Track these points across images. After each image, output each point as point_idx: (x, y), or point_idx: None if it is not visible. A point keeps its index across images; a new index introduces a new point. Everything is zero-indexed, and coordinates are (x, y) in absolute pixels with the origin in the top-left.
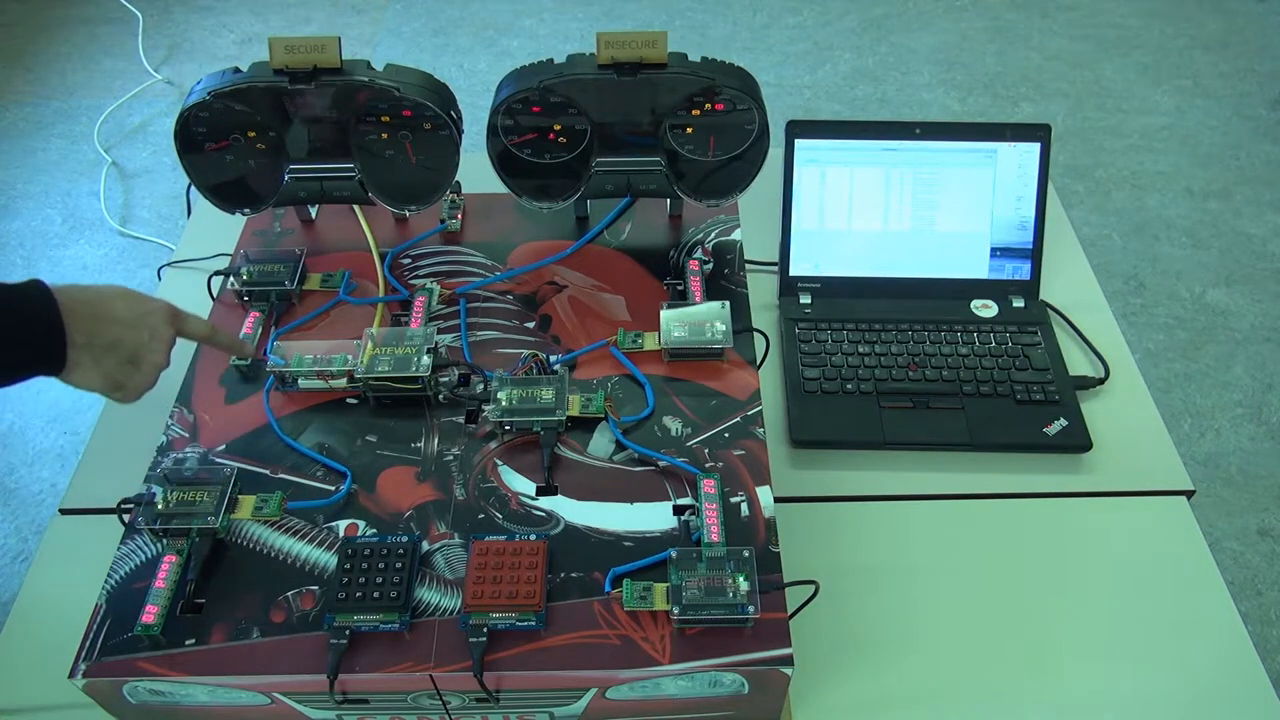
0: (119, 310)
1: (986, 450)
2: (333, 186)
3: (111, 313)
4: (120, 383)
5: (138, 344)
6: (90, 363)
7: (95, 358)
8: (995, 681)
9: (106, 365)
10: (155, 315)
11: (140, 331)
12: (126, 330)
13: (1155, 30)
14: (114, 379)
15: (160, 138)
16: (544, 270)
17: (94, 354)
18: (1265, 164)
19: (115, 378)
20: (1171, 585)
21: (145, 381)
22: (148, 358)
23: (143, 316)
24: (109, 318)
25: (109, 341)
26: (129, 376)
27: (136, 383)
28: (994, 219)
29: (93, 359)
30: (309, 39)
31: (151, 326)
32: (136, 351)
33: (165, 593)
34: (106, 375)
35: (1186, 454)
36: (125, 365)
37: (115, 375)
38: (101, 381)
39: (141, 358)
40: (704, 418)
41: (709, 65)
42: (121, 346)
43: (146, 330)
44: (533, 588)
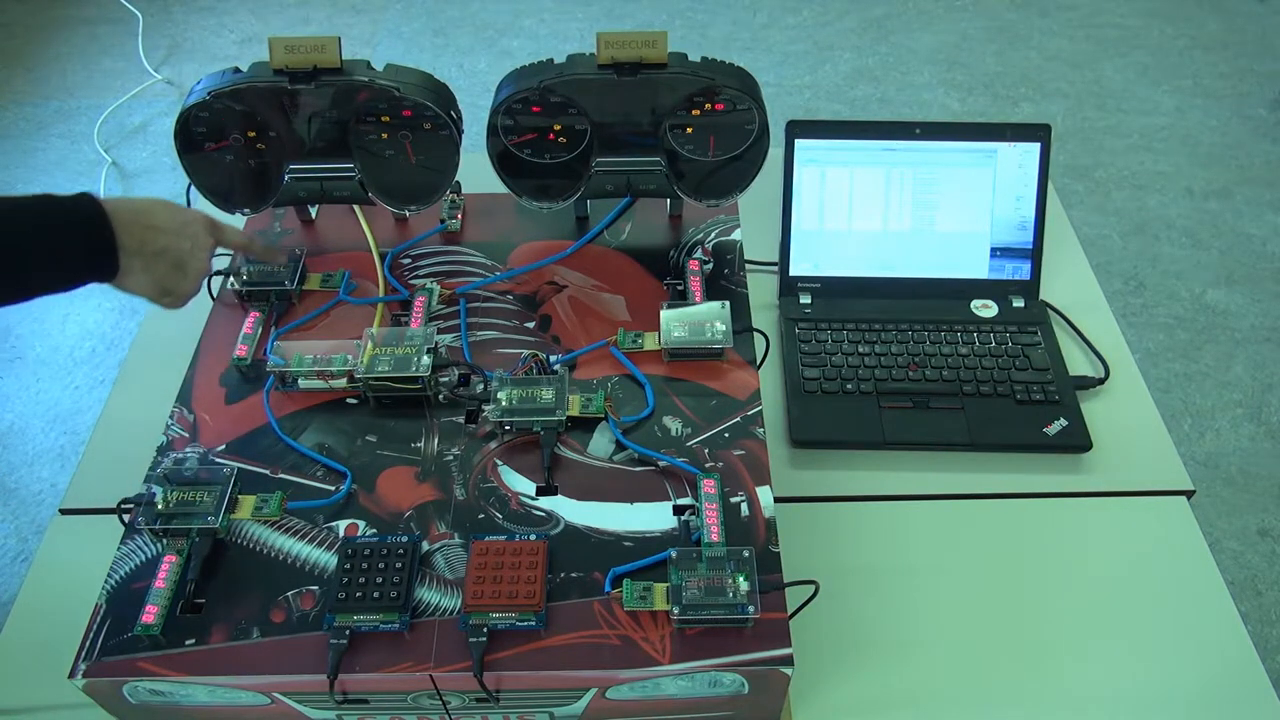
0: (163, 219)
1: (986, 450)
2: (333, 186)
3: (157, 221)
4: (168, 288)
5: (182, 251)
6: (140, 268)
7: (145, 264)
8: (995, 681)
9: (156, 271)
10: (196, 224)
11: (184, 239)
12: (172, 238)
13: (1155, 30)
14: (162, 285)
15: (160, 138)
16: (544, 270)
17: (144, 260)
18: (1265, 164)
19: (164, 284)
20: (1171, 585)
21: (191, 287)
22: (192, 264)
23: (185, 225)
24: (155, 226)
25: (157, 249)
26: (177, 282)
27: (184, 288)
28: (994, 219)
29: (143, 265)
30: (309, 39)
31: (193, 235)
32: (182, 258)
33: (165, 593)
34: (156, 281)
35: (1186, 454)
36: (173, 271)
37: (164, 281)
38: (152, 287)
39: (187, 264)
40: (704, 418)
41: (709, 65)
42: (169, 253)
43: (189, 238)
44: (533, 588)
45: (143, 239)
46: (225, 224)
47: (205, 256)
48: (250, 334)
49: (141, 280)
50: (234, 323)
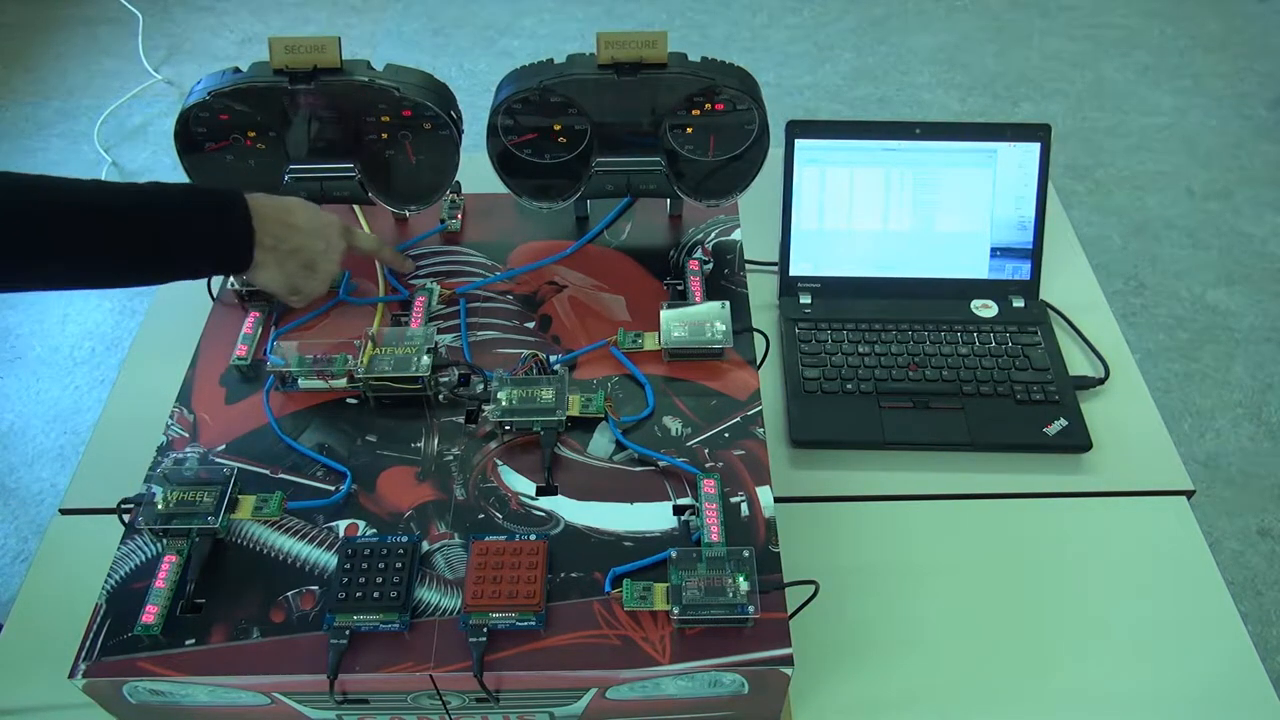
0: (301, 218)
1: (986, 450)
2: (333, 186)
3: (295, 220)
4: (297, 287)
5: (315, 251)
6: (274, 264)
7: (279, 260)
8: (995, 681)
9: (288, 268)
10: (331, 227)
11: (318, 240)
12: (307, 238)
13: (1155, 30)
14: (292, 283)
15: (160, 138)
16: (544, 270)
17: (278, 256)
18: (1265, 164)
19: (294, 281)
20: (1171, 585)
21: (319, 288)
22: (323, 265)
23: (321, 227)
24: (293, 225)
25: (292, 247)
26: (306, 281)
27: (311, 288)
28: (994, 219)
29: (276, 261)
30: (309, 39)
31: (328, 237)
32: (314, 259)
33: (165, 593)
34: (287, 278)
35: (1186, 454)
36: (304, 270)
37: (294, 279)
38: (282, 283)
39: (318, 265)
40: (704, 418)
41: (709, 65)
42: (302, 253)
43: (323, 240)
44: (533, 588)
45: (279, 236)
46: (358, 229)
47: (337, 259)
48: (250, 334)
49: (273, 275)
50: (234, 323)
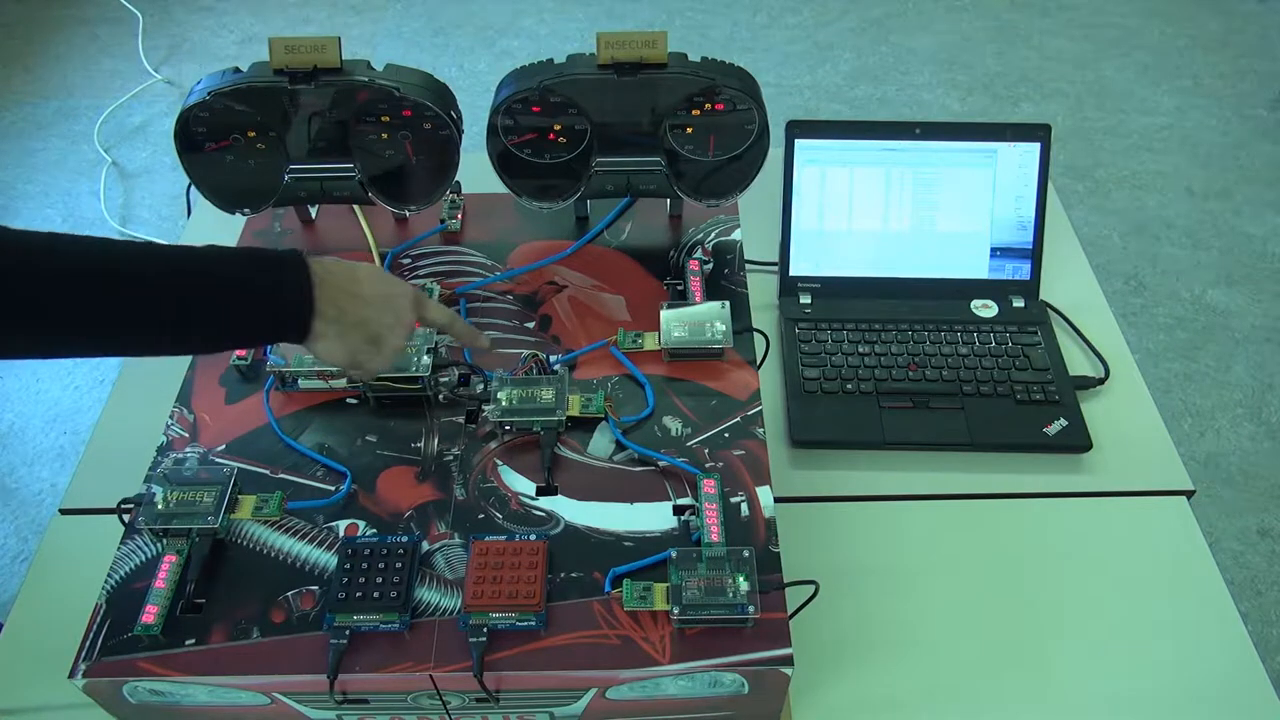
0: (369, 289)
1: (986, 450)
2: (333, 186)
3: (363, 291)
4: (360, 362)
5: (382, 325)
6: (335, 336)
7: (340, 332)
8: (995, 681)
9: (351, 341)
10: (403, 299)
11: (386, 314)
12: (373, 310)
13: (1155, 30)
14: (355, 357)
15: (160, 138)
16: (544, 270)
17: (340, 329)
18: (1265, 164)
19: (356, 356)
20: (1171, 585)
21: (382, 364)
22: (389, 340)
23: (390, 299)
24: (360, 296)
25: (356, 320)
26: (369, 357)
27: (374, 365)
28: (994, 219)
29: (338, 333)
30: (309, 39)
31: (397, 310)
32: (380, 333)
33: (165, 593)
34: (349, 351)
35: (1186, 454)
36: (367, 345)
37: (357, 354)
38: (344, 356)
39: (383, 340)
40: (704, 418)
41: (709, 65)
42: (367, 325)
43: (392, 313)
44: (533, 588)
45: (343, 308)
46: (430, 301)
47: (404, 334)
48: None
49: (334, 348)
50: None
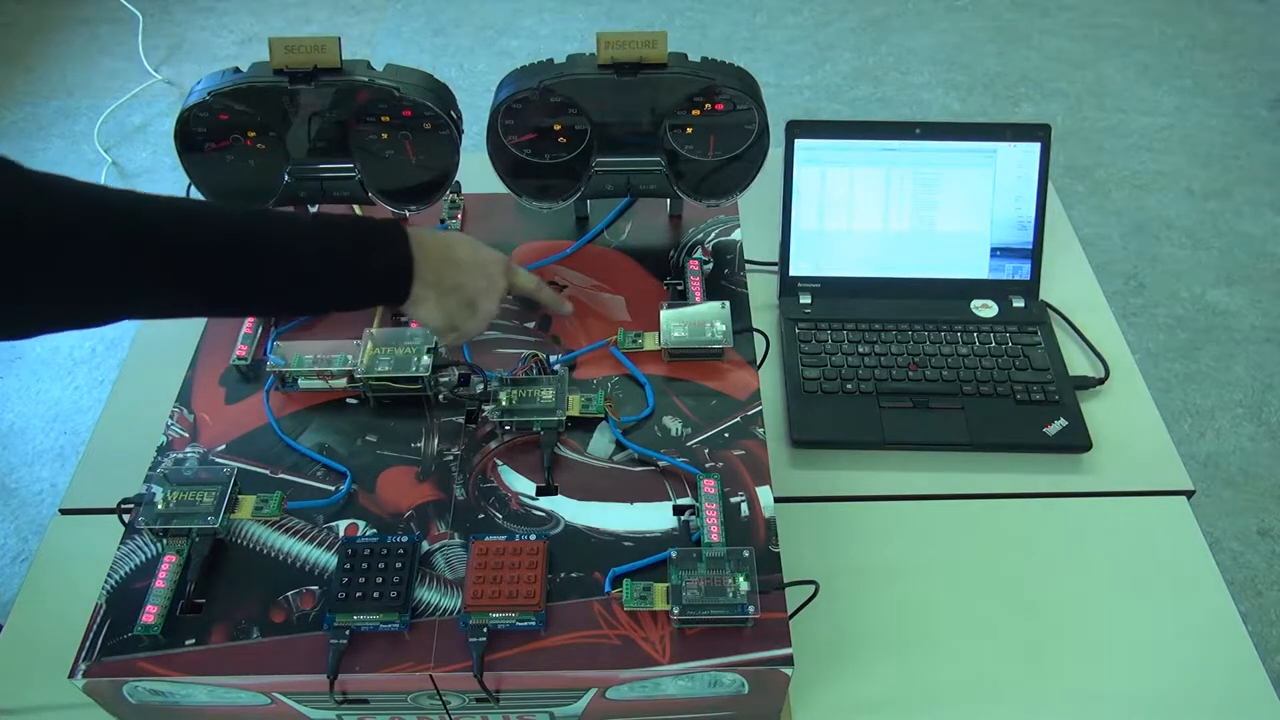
0: (464, 254)
1: (986, 450)
2: (333, 186)
3: (458, 255)
4: (455, 324)
5: (476, 290)
6: (434, 300)
7: (439, 296)
8: (995, 681)
9: (447, 305)
10: (494, 265)
11: (479, 278)
12: (468, 275)
13: (1155, 30)
14: (451, 320)
15: (160, 138)
16: (544, 270)
17: (438, 292)
18: (1265, 164)
19: (453, 319)
20: (1171, 585)
21: (478, 327)
22: (483, 304)
23: (483, 264)
24: (455, 260)
25: (453, 284)
26: (464, 320)
27: (470, 327)
28: (994, 219)
29: (436, 297)
30: (309, 39)
31: (489, 275)
32: (474, 297)
33: (165, 593)
34: (446, 314)
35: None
36: (463, 308)
37: (453, 316)
38: (441, 319)
39: (478, 304)
40: (704, 418)
41: (709, 65)
42: (462, 290)
43: (485, 278)
44: (533, 588)
45: (440, 272)
46: (519, 268)
47: (497, 299)
48: (250, 334)
49: (432, 311)
50: (234, 323)
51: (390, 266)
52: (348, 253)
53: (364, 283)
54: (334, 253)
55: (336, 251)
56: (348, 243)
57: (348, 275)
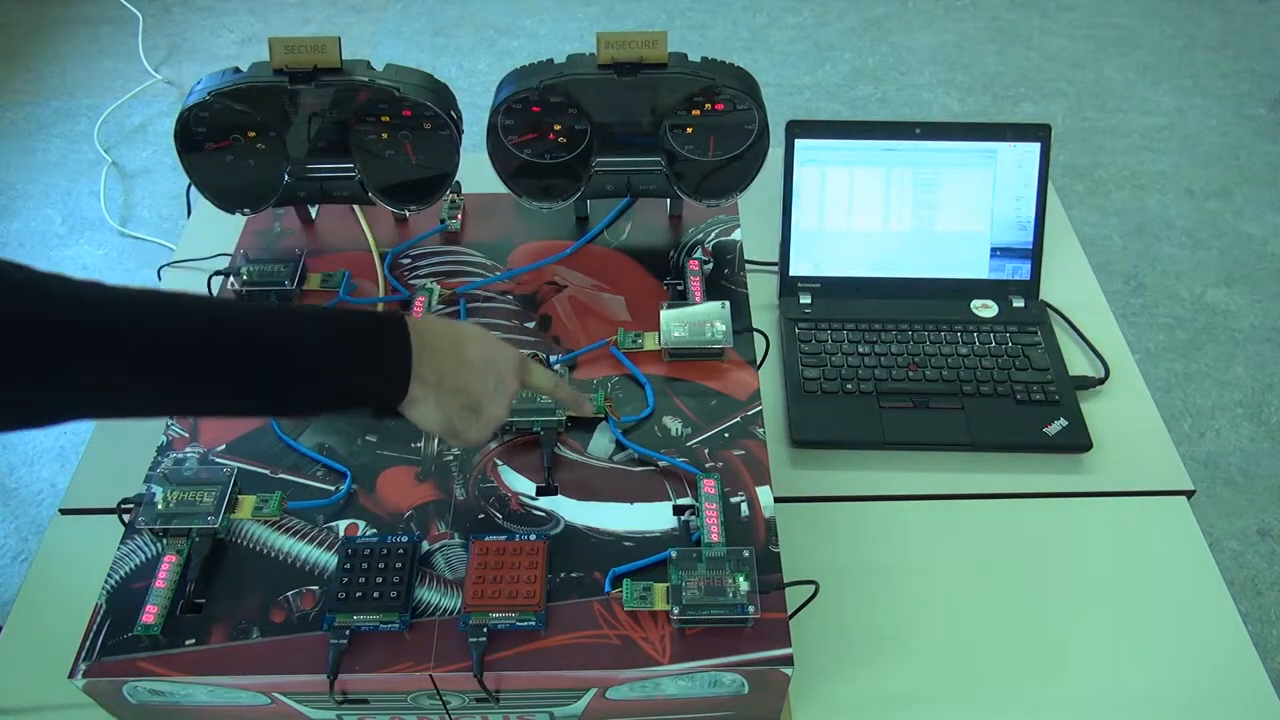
0: (472, 353)
1: (986, 450)
2: (333, 186)
3: (465, 355)
4: (457, 430)
5: (483, 393)
6: (433, 401)
7: (439, 398)
8: (995, 681)
9: (448, 408)
10: (505, 363)
11: (488, 379)
12: (475, 377)
13: (1155, 30)
14: (452, 424)
15: (160, 138)
16: (544, 270)
17: (439, 394)
18: (1265, 164)
19: (453, 423)
20: (1171, 585)
21: (481, 435)
22: (489, 409)
23: (492, 363)
24: (462, 361)
25: (456, 386)
26: (467, 425)
27: (472, 435)
28: (994, 219)
29: (436, 399)
30: (309, 39)
31: (499, 375)
32: (480, 401)
33: (165, 593)
34: (446, 419)
35: (1186, 454)
36: (466, 412)
37: (454, 421)
38: (440, 424)
39: (483, 408)
40: (704, 418)
41: (709, 65)
42: (467, 393)
43: (494, 378)
44: (533, 588)
45: (443, 372)
46: (536, 366)
47: (506, 403)
48: None
49: (429, 415)
50: None
51: (383, 364)
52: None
53: (347, 383)
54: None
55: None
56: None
57: (333, 377)
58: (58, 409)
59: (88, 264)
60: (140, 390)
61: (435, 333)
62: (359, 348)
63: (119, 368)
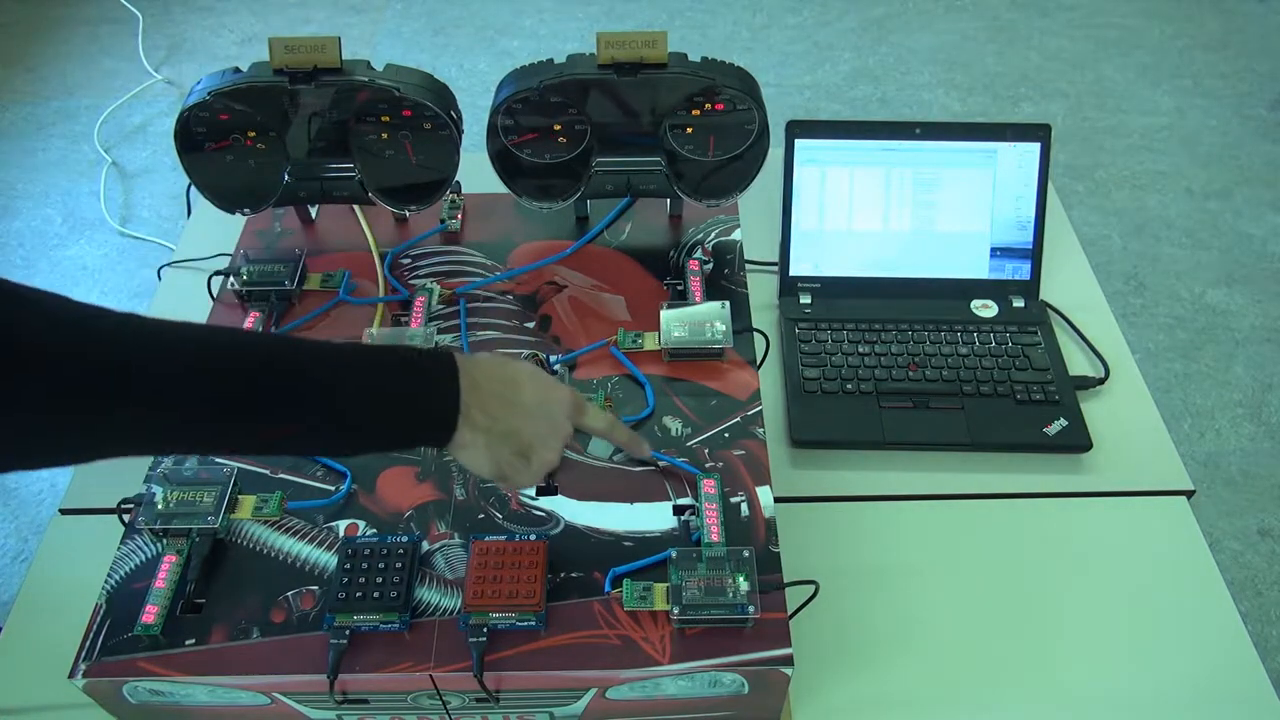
0: (526, 397)
1: (986, 450)
2: (333, 186)
3: (518, 398)
4: (506, 475)
5: (534, 436)
6: (482, 445)
7: (489, 442)
8: (995, 681)
9: (498, 452)
10: (558, 406)
11: (540, 423)
12: (527, 420)
13: (1155, 30)
14: (501, 469)
15: (160, 138)
16: (544, 270)
17: (489, 438)
18: (1265, 164)
19: (503, 468)
20: (1171, 585)
21: (532, 480)
22: (540, 453)
23: (545, 405)
24: (514, 403)
25: (507, 429)
26: (516, 471)
27: (521, 480)
28: (994, 219)
29: (485, 443)
30: (309, 39)
31: (551, 417)
32: (531, 445)
33: (165, 593)
34: (495, 463)
35: (1186, 454)
36: (516, 457)
37: (504, 466)
38: (490, 468)
39: (534, 452)
40: (704, 418)
41: (709, 65)
42: (518, 436)
43: (546, 422)
44: (533, 587)
45: (494, 415)
46: (592, 406)
47: (558, 446)
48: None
49: (478, 459)
50: (234, 323)
51: (432, 404)
52: (377, 388)
53: (394, 421)
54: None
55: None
56: (378, 376)
57: (376, 415)
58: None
59: (87, 264)
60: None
61: (487, 374)
62: (404, 391)
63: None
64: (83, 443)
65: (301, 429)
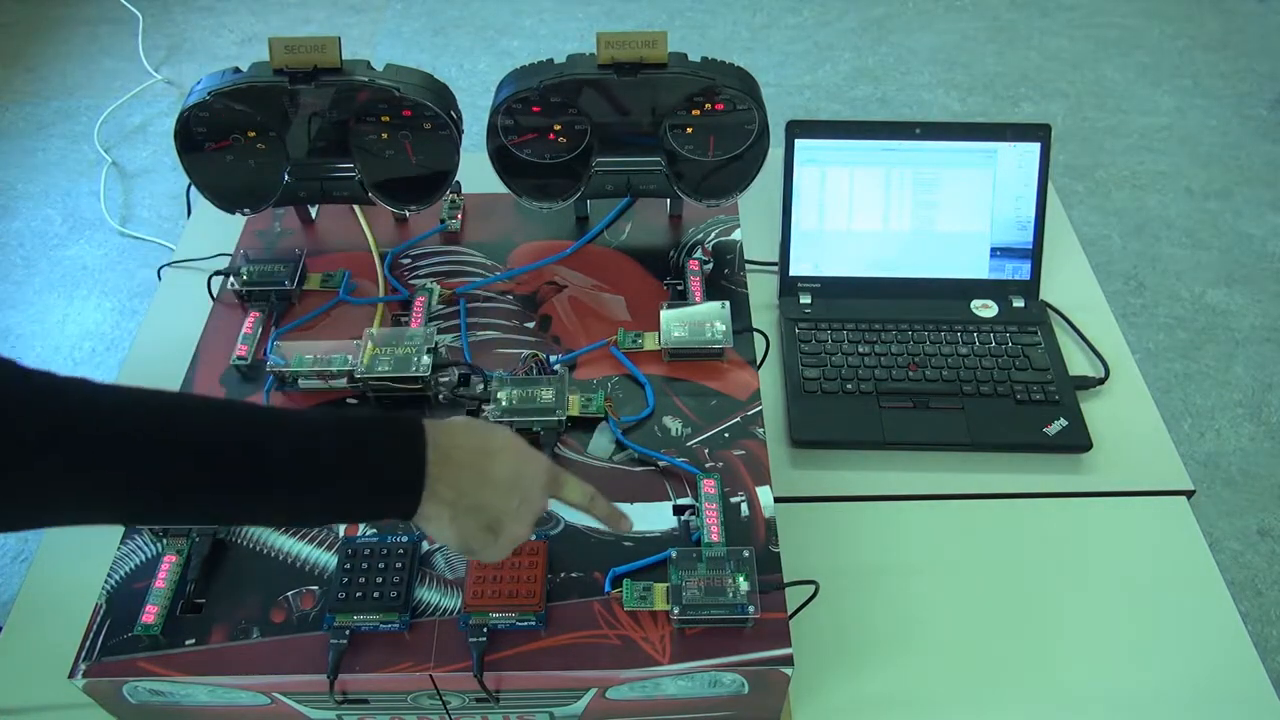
0: (499, 470)
1: (986, 450)
2: (333, 186)
3: (490, 471)
4: (472, 549)
5: (504, 511)
6: (448, 519)
7: (454, 515)
8: (995, 681)
9: (464, 526)
10: (533, 479)
11: (511, 497)
12: (497, 495)
13: (1155, 30)
14: (468, 543)
15: (160, 138)
16: (544, 270)
17: (454, 511)
18: (1265, 164)
19: (469, 543)
20: (1171, 585)
21: (497, 555)
22: (510, 528)
23: (519, 479)
24: (486, 476)
25: (475, 503)
26: (483, 545)
27: (488, 554)
28: (994, 219)
29: (451, 516)
30: (309, 39)
31: (525, 490)
32: (500, 519)
33: (165, 593)
34: (461, 537)
35: (1186, 454)
36: (483, 531)
37: (469, 539)
38: (455, 541)
39: (503, 527)
40: (704, 418)
41: (709, 65)
42: (487, 511)
43: (518, 495)
44: (533, 587)
45: (462, 490)
46: (570, 479)
47: (530, 520)
48: (250, 334)
49: (443, 532)
50: (234, 323)
51: (396, 479)
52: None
53: (351, 495)
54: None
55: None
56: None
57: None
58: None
59: (87, 264)
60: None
61: (458, 444)
62: (366, 463)
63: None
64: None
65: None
